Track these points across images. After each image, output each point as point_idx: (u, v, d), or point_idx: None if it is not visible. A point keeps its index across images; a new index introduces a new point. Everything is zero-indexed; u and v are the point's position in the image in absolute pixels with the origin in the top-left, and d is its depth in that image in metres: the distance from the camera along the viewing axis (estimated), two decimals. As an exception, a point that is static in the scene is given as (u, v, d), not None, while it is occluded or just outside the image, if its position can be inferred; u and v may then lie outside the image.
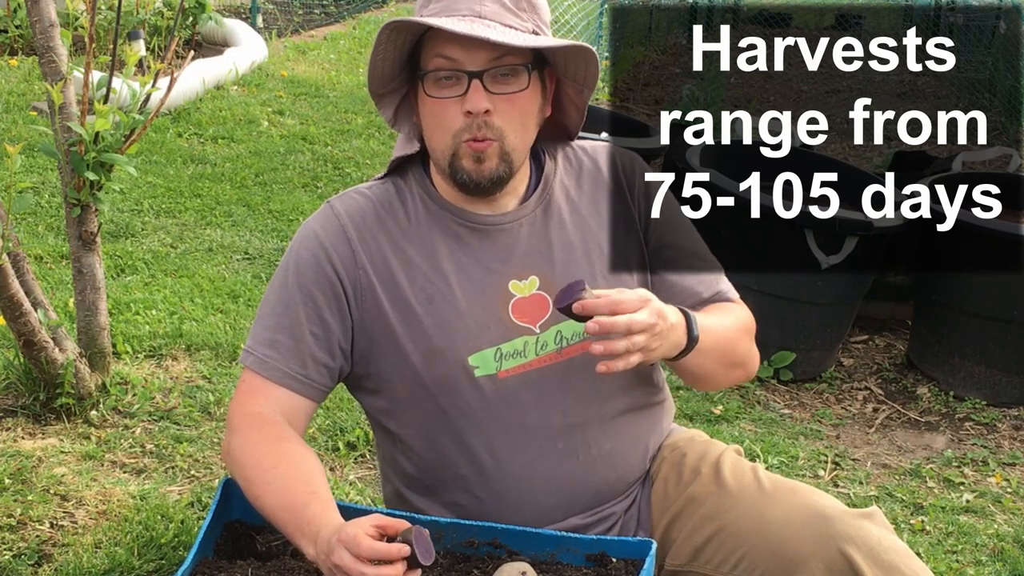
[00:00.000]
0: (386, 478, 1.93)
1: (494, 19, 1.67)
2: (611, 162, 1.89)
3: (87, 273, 3.01)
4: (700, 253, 1.91)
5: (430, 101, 1.70)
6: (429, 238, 1.79)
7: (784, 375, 3.94)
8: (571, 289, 1.62)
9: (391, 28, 1.67)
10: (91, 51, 2.82)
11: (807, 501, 1.73)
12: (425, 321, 1.75)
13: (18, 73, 6.83)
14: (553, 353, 1.77)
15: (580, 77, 1.79)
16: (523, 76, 1.70)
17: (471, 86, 1.67)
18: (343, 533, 1.46)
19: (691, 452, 1.90)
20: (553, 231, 1.82)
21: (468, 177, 1.72)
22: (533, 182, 1.84)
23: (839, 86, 10.32)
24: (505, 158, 1.72)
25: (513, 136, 1.72)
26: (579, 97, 1.82)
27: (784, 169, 4.68)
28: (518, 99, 1.70)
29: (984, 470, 3.39)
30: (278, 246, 4.65)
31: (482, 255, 1.79)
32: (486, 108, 1.67)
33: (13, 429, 2.93)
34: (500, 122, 1.69)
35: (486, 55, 1.67)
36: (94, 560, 2.38)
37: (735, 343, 1.85)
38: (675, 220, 1.90)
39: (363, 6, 12.64)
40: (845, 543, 1.64)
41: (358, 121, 7.04)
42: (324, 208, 1.82)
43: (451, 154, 1.71)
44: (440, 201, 1.81)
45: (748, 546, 1.72)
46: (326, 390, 1.79)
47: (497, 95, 1.68)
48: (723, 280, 1.93)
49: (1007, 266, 3.78)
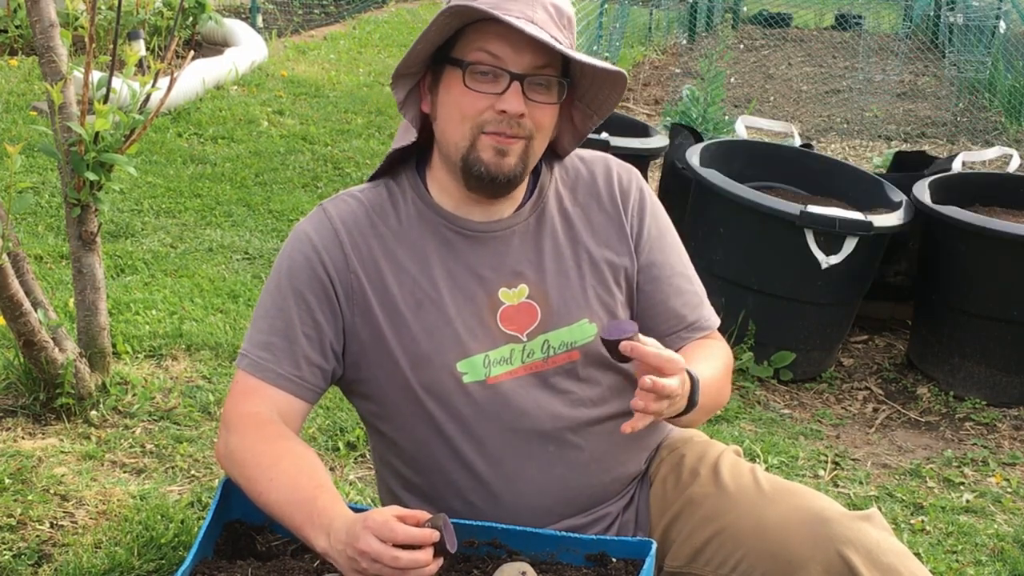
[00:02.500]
0: (382, 481, 1.93)
1: (544, 28, 1.66)
2: (607, 175, 1.88)
3: (87, 273, 3.01)
4: (687, 275, 1.91)
5: (459, 91, 1.68)
6: (420, 243, 1.78)
7: (784, 375, 3.94)
8: (623, 327, 1.61)
9: (451, 12, 1.64)
10: (91, 51, 2.82)
11: (806, 503, 1.73)
12: (414, 327, 1.75)
13: (18, 73, 6.84)
14: (539, 361, 1.77)
15: (596, 104, 1.79)
16: (556, 90, 1.70)
17: (511, 87, 1.66)
18: (370, 520, 1.46)
19: (690, 453, 1.90)
20: (545, 240, 1.81)
21: (486, 170, 1.70)
22: (529, 190, 1.84)
23: (839, 86, 10.33)
24: (524, 159, 1.72)
25: (538, 141, 1.72)
26: (583, 124, 1.82)
27: (784, 169, 4.70)
28: (549, 110, 1.71)
29: (984, 470, 3.39)
30: (278, 246, 4.65)
31: (473, 262, 1.78)
32: (522, 111, 1.66)
33: (13, 429, 2.93)
34: (531, 125, 1.69)
35: (531, 60, 1.66)
36: (94, 560, 2.38)
37: (720, 391, 1.85)
38: (666, 239, 1.90)
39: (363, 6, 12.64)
40: (844, 545, 1.64)
41: (358, 121, 7.04)
42: (316, 211, 1.81)
43: (468, 144, 1.70)
44: (433, 206, 1.80)
45: (747, 548, 1.72)
46: (319, 391, 1.79)
47: (532, 102, 1.68)
48: (706, 304, 1.92)
49: (1008, 266, 3.78)
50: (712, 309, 1.93)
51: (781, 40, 13.26)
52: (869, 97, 9.43)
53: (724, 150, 4.41)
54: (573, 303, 1.79)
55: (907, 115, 9.18)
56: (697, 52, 11.34)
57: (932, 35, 12.45)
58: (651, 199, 1.90)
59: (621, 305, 1.83)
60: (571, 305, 1.79)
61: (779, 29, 13.19)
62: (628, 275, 1.85)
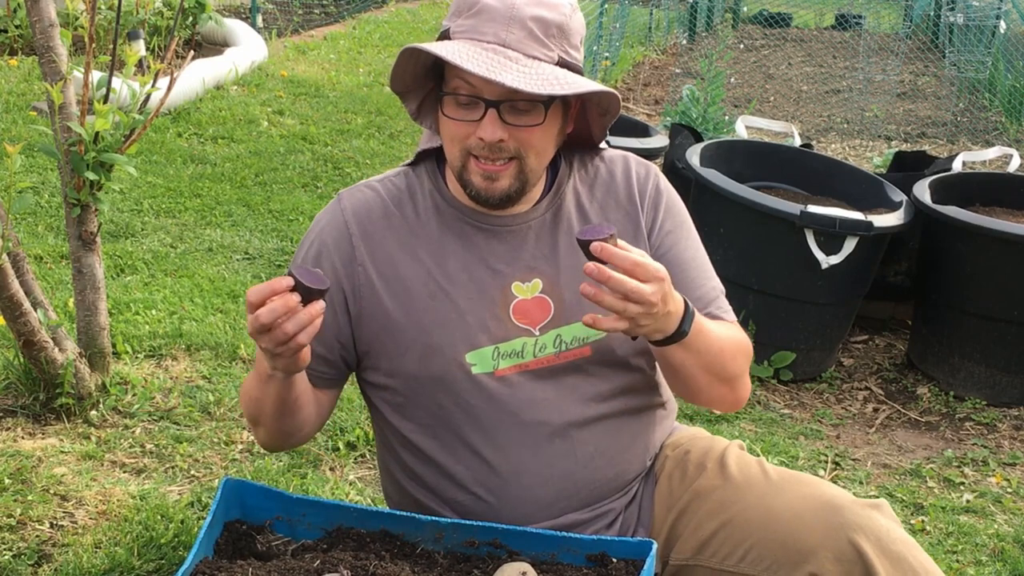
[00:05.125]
0: (386, 470, 1.94)
1: (518, 48, 1.65)
2: (626, 171, 1.89)
3: (87, 273, 3.01)
4: (703, 269, 1.89)
5: (444, 118, 1.71)
6: (436, 235, 1.80)
7: (784, 375, 3.94)
8: (599, 229, 1.58)
9: (409, 53, 1.67)
10: (91, 51, 2.82)
11: (815, 491, 1.74)
12: (425, 317, 1.77)
13: (18, 73, 6.83)
14: (551, 356, 1.78)
15: (603, 106, 1.79)
16: (539, 111, 1.68)
17: (487, 115, 1.66)
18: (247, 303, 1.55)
19: (695, 449, 1.91)
20: (561, 235, 1.82)
21: (477, 193, 1.73)
22: (547, 186, 1.85)
23: (839, 86, 10.33)
24: (521, 177, 1.72)
25: (531, 158, 1.72)
26: (600, 120, 1.82)
27: (784, 169, 4.70)
28: (533, 131, 1.69)
29: (984, 470, 3.39)
30: (278, 246, 4.65)
31: (488, 255, 1.80)
32: (500, 138, 1.66)
33: (13, 429, 2.93)
34: (516, 146, 1.69)
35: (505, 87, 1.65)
36: (94, 560, 2.38)
37: (726, 357, 1.81)
38: (681, 232, 1.89)
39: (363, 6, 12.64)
40: (854, 532, 1.64)
41: (358, 121, 7.04)
42: (333, 202, 1.86)
43: (460, 166, 1.72)
44: (450, 199, 1.82)
45: (755, 538, 1.73)
46: (331, 378, 1.84)
47: (513, 126, 1.67)
48: (722, 300, 1.90)
49: (1008, 266, 3.78)
50: (728, 306, 1.90)
51: (781, 40, 13.26)
52: (869, 97, 9.42)
53: (724, 150, 4.41)
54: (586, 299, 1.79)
55: (907, 115, 9.18)
56: (697, 52, 11.34)
57: (932, 35, 12.45)
58: (668, 193, 1.90)
59: None
60: (584, 301, 1.79)
61: (779, 29, 13.19)
62: None
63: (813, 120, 8.84)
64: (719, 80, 6.87)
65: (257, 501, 1.75)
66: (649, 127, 4.91)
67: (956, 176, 4.46)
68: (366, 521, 1.71)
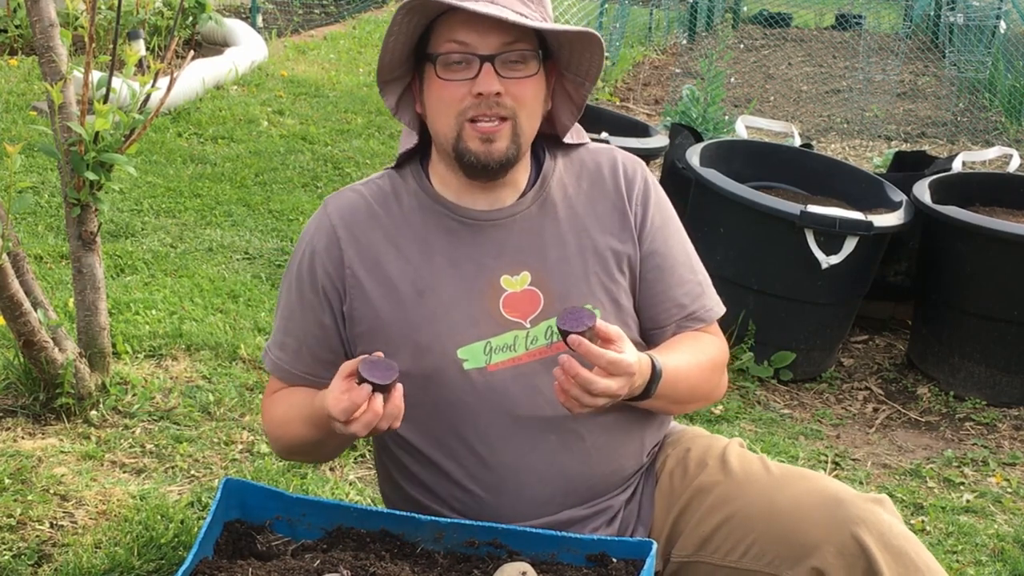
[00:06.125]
0: (383, 471, 1.95)
1: (507, 6, 1.68)
2: (613, 165, 1.89)
3: (87, 273, 3.01)
4: (690, 264, 1.91)
5: (438, 83, 1.71)
6: (423, 233, 1.81)
7: (784, 375, 3.94)
8: (579, 316, 1.61)
9: (408, 8, 1.66)
10: (91, 51, 2.82)
11: (818, 486, 1.74)
12: (415, 315, 1.78)
13: (18, 73, 6.83)
14: (543, 348, 1.78)
15: (583, 69, 1.79)
16: (533, 62, 1.71)
17: (483, 69, 1.68)
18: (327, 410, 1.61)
19: (695, 447, 1.92)
20: (547, 228, 1.82)
21: (476, 159, 1.72)
22: (532, 178, 1.85)
23: (839, 86, 10.33)
24: (515, 139, 1.73)
25: (525, 117, 1.73)
26: (577, 92, 1.82)
27: (784, 169, 4.70)
28: (528, 84, 1.72)
29: (984, 470, 3.39)
30: (278, 246, 4.65)
31: (475, 250, 1.80)
32: (497, 90, 1.68)
33: (13, 429, 2.93)
34: (512, 102, 1.70)
35: (498, 40, 1.68)
36: (94, 560, 2.38)
37: (696, 389, 1.85)
38: (669, 228, 1.90)
39: (363, 6, 12.64)
40: (857, 526, 1.65)
41: (358, 121, 7.04)
42: (320, 208, 1.88)
43: (455, 135, 1.72)
44: (435, 196, 1.83)
45: (758, 532, 1.73)
46: None
47: (508, 79, 1.69)
48: (708, 295, 1.92)
49: (1007, 266, 3.78)
50: (716, 299, 1.93)
51: (781, 40, 13.25)
52: (869, 97, 9.42)
53: (724, 150, 4.41)
54: (576, 290, 1.80)
55: (907, 115, 9.18)
56: (697, 52, 11.34)
57: (932, 35, 12.45)
58: (655, 189, 1.91)
59: (624, 292, 1.84)
60: (574, 292, 1.80)
61: (779, 29, 13.18)
62: (631, 263, 1.85)
63: (813, 120, 8.84)
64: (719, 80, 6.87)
65: (257, 501, 1.75)
66: (649, 127, 4.90)
67: (956, 176, 4.46)
68: (366, 521, 1.72)
